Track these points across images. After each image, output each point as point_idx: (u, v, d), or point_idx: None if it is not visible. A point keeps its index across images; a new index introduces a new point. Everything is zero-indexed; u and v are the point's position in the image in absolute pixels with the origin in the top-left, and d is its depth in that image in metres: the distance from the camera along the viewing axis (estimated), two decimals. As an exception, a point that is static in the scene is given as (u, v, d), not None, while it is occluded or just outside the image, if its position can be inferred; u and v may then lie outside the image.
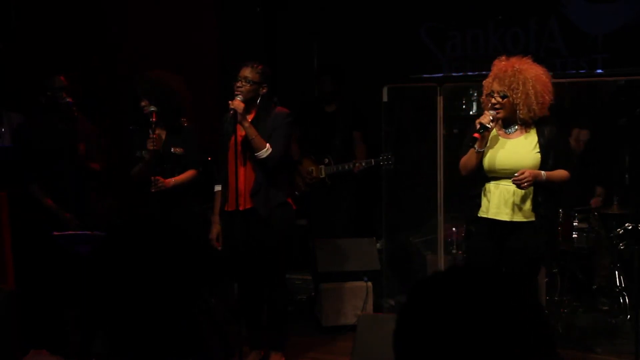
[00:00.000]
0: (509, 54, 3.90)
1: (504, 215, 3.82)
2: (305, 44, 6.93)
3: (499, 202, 3.82)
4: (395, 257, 5.80)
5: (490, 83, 3.81)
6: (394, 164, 5.42)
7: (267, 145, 4.20)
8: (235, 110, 4.13)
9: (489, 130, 3.77)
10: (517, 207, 3.80)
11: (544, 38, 6.14)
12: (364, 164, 5.54)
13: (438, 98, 5.25)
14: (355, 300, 5.24)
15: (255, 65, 4.27)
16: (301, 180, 5.73)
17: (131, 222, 1.47)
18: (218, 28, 6.70)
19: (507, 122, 3.86)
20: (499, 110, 3.77)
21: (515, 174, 3.69)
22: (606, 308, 5.21)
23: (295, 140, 5.50)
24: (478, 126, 3.76)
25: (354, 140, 5.85)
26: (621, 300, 5.12)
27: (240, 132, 4.21)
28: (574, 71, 5.96)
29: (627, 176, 5.79)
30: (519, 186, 3.69)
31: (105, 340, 1.35)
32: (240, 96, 4.19)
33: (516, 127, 3.85)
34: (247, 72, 4.24)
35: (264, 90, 4.28)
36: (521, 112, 3.74)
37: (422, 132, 5.58)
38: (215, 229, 4.41)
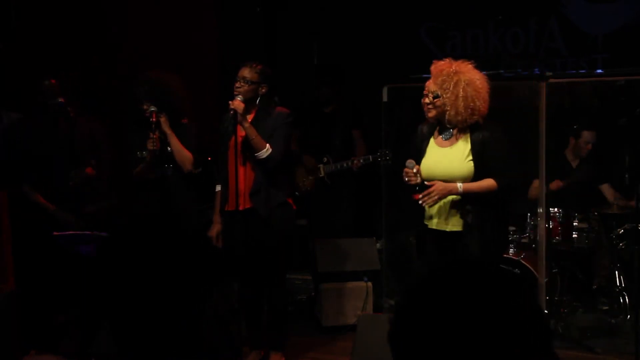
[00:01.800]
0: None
1: (444, 225, 3.77)
2: (305, 44, 6.93)
3: (439, 212, 3.77)
4: (395, 257, 5.80)
5: (429, 83, 3.78)
6: (392, 161, 5.40)
7: (267, 145, 4.20)
8: (235, 111, 4.13)
9: (419, 180, 3.75)
10: (452, 216, 3.74)
11: (544, 38, 6.14)
12: (362, 161, 5.54)
13: (438, 98, 5.24)
14: (355, 300, 5.24)
15: (254, 65, 4.26)
16: (304, 173, 5.72)
17: (134, 222, 1.47)
18: (218, 28, 6.69)
19: (443, 126, 3.80)
20: (431, 114, 3.73)
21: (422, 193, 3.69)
22: (606, 308, 5.22)
23: (296, 140, 5.51)
24: (411, 181, 3.75)
25: (353, 139, 5.85)
26: (621, 300, 5.12)
27: (241, 132, 4.21)
28: (574, 71, 5.96)
29: (627, 176, 5.79)
30: (423, 202, 3.68)
31: (108, 340, 1.35)
32: (240, 96, 4.19)
33: (451, 132, 3.78)
34: (245, 72, 4.24)
35: (264, 90, 4.27)
36: (448, 113, 3.68)
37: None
38: (216, 227, 4.41)
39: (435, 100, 3.69)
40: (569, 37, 6.05)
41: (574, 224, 5.20)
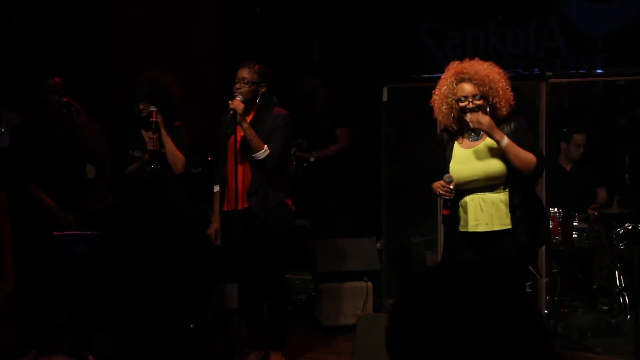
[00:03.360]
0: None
1: (483, 226, 3.72)
2: (305, 44, 6.93)
3: (476, 214, 3.72)
4: (395, 257, 5.80)
5: (451, 89, 3.70)
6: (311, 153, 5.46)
7: (265, 146, 4.20)
8: (235, 110, 4.13)
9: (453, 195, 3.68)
10: (494, 215, 3.70)
11: (544, 38, 6.14)
12: (295, 153, 5.62)
13: (438, 98, 5.24)
14: (355, 300, 5.25)
15: (252, 65, 4.26)
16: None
17: (134, 223, 1.48)
18: (218, 28, 6.70)
19: (472, 129, 3.75)
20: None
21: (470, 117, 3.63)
22: (606, 308, 5.21)
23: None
24: (445, 196, 3.66)
25: (336, 137, 5.89)
26: (621, 300, 5.12)
27: (240, 132, 4.21)
28: (574, 71, 5.96)
29: (627, 176, 5.79)
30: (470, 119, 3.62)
31: (109, 340, 1.36)
32: (240, 96, 4.19)
33: (480, 132, 3.74)
34: (244, 72, 4.24)
35: (263, 90, 4.27)
36: (501, 109, 3.68)
37: (422, 132, 5.57)
38: (214, 226, 4.41)
39: (481, 101, 3.66)
40: (569, 37, 6.05)
41: (574, 224, 5.19)
